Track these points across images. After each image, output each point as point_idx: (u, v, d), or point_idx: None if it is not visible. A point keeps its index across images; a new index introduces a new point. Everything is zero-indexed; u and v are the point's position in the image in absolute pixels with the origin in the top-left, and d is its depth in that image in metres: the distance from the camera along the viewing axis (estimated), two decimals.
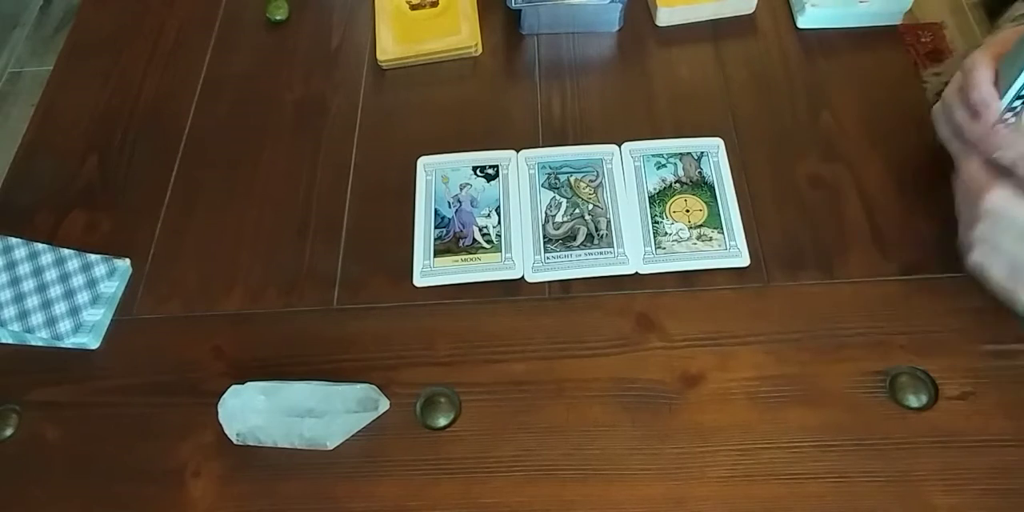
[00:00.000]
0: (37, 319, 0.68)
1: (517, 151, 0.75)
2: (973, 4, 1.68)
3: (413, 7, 0.85)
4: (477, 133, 0.77)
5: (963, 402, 0.60)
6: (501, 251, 0.70)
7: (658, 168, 0.73)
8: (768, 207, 0.71)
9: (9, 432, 0.65)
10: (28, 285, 0.69)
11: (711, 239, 0.69)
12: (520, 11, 0.82)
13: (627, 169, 0.73)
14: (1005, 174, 0.56)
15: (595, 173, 0.73)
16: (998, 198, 0.56)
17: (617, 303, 0.67)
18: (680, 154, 0.74)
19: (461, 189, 0.73)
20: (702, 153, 0.74)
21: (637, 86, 0.80)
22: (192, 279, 0.71)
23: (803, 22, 0.81)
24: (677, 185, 0.72)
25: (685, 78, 0.80)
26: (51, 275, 0.70)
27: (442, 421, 0.62)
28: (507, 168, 0.74)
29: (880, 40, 0.80)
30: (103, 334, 0.69)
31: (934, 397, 0.60)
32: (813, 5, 0.80)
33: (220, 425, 0.61)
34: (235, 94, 0.83)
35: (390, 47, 0.83)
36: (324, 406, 0.60)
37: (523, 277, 0.68)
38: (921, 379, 0.61)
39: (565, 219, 0.71)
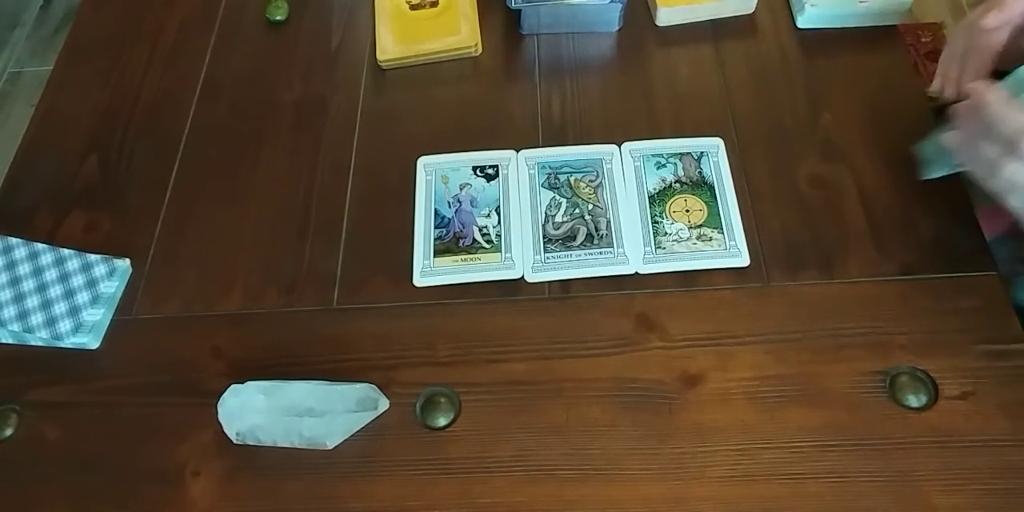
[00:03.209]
0: (37, 319, 0.67)
1: (517, 151, 0.75)
2: (973, 4, 1.68)
3: (413, 7, 0.85)
4: (477, 133, 0.77)
5: (963, 402, 0.60)
6: (501, 251, 0.69)
7: (658, 168, 0.73)
8: (768, 207, 0.70)
9: (9, 432, 0.65)
10: (28, 285, 0.69)
11: (711, 239, 0.69)
12: (520, 11, 0.82)
13: (627, 169, 0.73)
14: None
15: (595, 173, 0.73)
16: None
17: (617, 303, 0.67)
18: (680, 154, 0.74)
19: (461, 189, 0.73)
20: (702, 153, 0.74)
21: (637, 86, 0.80)
22: (192, 279, 0.71)
23: (803, 22, 0.81)
24: (677, 185, 0.72)
25: (685, 78, 0.80)
26: (51, 275, 0.70)
27: (442, 421, 0.62)
28: (507, 168, 0.74)
29: (880, 40, 0.80)
30: (103, 334, 0.69)
31: (934, 397, 0.60)
32: (813, 5, 0.80)
33: (220, 425, 0.61)
34: (235, 94, 0.83)
35: (390, 47, 0.83)
36: (324, 405, 0.60)
37: (523, 277, 0.68)
38: (921, 379, 0.61)
39: (565, 219, 0.71)
